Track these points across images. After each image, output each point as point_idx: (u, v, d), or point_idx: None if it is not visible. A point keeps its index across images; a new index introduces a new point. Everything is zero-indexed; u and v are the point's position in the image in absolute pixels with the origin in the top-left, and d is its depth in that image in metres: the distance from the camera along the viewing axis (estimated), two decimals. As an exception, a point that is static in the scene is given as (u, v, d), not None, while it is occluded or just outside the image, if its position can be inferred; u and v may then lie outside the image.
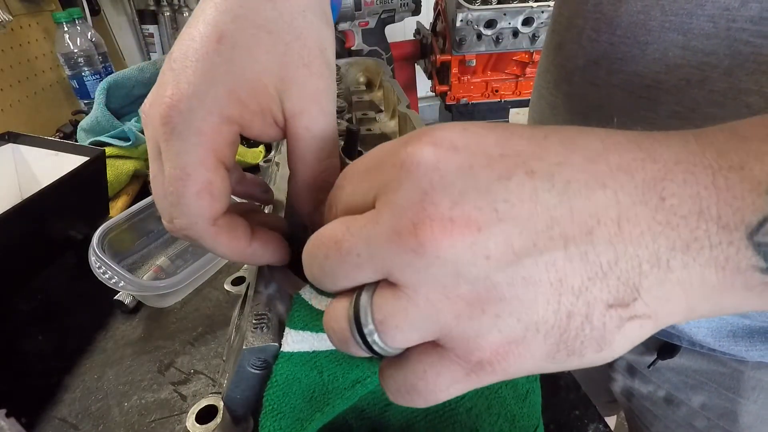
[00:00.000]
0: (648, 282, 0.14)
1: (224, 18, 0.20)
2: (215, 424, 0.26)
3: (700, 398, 0.43)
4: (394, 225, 0.15)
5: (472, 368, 0.15)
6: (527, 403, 0.27)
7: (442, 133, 0.16)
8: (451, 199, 0.14)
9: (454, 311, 0.15)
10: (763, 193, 0.13)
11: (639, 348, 0.45)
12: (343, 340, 0.17)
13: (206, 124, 0.20)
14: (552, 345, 0.15)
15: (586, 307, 0.14)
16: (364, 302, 0.16)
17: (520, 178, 0.14)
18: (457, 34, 1.39)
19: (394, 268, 0.15)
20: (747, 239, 0.13)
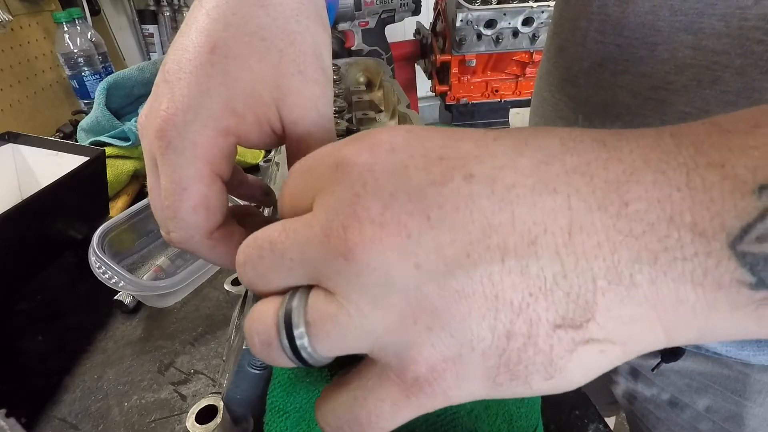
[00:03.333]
0: (605, 300, 0.12)
1: (216, 26, 0.20)
2: (215, 424, 0.26)
3: (705, 401, 0.43)
4: (325, 228, 0.14)
5: (411, 389, 0.14)
6: (525, 403, 0.27)
7: (382, 135, 0.15)
8: (382, 202, 0.13)
9: (385, 322, 0.14)
10: (748, 193, 0.11)
11: None
12: (265, 342, 0.15)
13: (202, 137, 0.20)
14: (491, 367, 0.13)
15: (528, 327, 0.13)
16: (297, 305, 0.15)
17: (456, 183, 0.13)
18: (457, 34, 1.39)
19: (325, 274, 0.14)
20: (729, 249, 0.11)
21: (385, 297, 0.13)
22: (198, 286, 0.48)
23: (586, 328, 0.13)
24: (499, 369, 0.13)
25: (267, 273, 0.16)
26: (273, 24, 0.20)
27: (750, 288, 0.12)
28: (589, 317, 0.13)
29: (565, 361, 0.13)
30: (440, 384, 0.14)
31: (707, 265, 0.12)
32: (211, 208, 0.20)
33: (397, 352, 0.14)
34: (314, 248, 0.14)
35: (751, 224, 0.11)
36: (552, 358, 0.13)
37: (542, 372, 0.13)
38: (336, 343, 0.14)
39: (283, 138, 0.22)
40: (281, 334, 0.15)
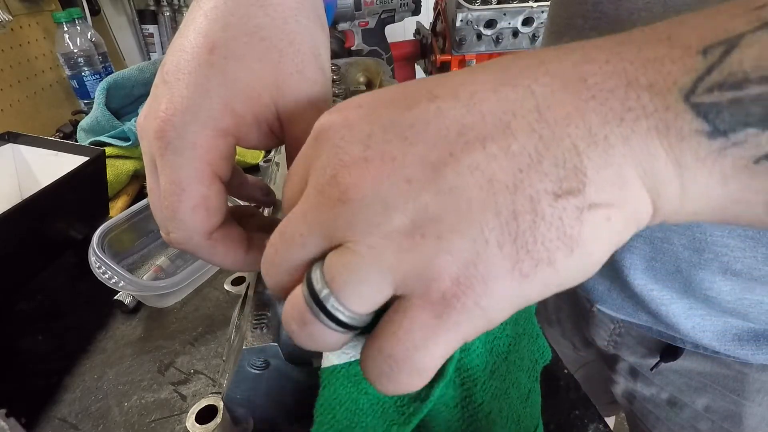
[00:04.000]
0: (591, 162, 0.13)
1: (215, 27, 0.20)
2: (215, 424, 0.26)
3: (704, 401, 0.43)
4: (318, 187, 0.15)
5: (439, 307, 0.14)
6: (529, 402, 0.27)
7: (346, 102, 0.16)
8: (361, 143, 0.14)
9: (396, 248, 0.14)
10: (694, 54, 0.12)
11: (641, 350, 0.45)
12: (301, 322, 0.15)
13: (201, 138, 0.20)
14: (512, 254, 0.13)
15: (530, 203, 0.13)
16: (316, 272, 0.15)
17: (422, 104, 0.14)
18: (457, 34, 1.39)
19: (330, 227, 0.14)
20: (683, 102, 0.12)
21: (388, 222, 0.14)
22: (198, 286, 0.48)
23: (584, 193, 0.13)
24: (519, 255, 0.13)
25: (285, 261, 0.16)
26: (272, 24, 0.20)
27: (707, 137, 0.12)
28: (584, 180, 0.13)
29: (577, 230, 0.13)
30: (469, 294, 0.13)
31: (667, 118, 0.12)
32: (210, 209, 0.20)
33: (417, 274, 0.14)
34: (314, 210, 0.15)
35: (701, 77, 0.12)
36: (564, 230, 0.13)
37: (561, 247, 0.13)
38: (361, 291, 0.14)
39: (282, 138, 0.22)
40: (312, 307, 0.15)
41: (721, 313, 0.36)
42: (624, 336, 0.46)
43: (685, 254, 0.35)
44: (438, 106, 0.14)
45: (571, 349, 0.57)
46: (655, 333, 0.42)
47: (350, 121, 0.15)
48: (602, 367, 0.54)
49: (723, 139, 0.12)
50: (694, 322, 0.38)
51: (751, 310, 0.35)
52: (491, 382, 0.25)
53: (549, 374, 0.36)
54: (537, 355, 0.28)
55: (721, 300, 0.35)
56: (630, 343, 0.46)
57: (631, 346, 0.46)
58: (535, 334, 0.28)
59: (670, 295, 0.38)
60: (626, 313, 0.43)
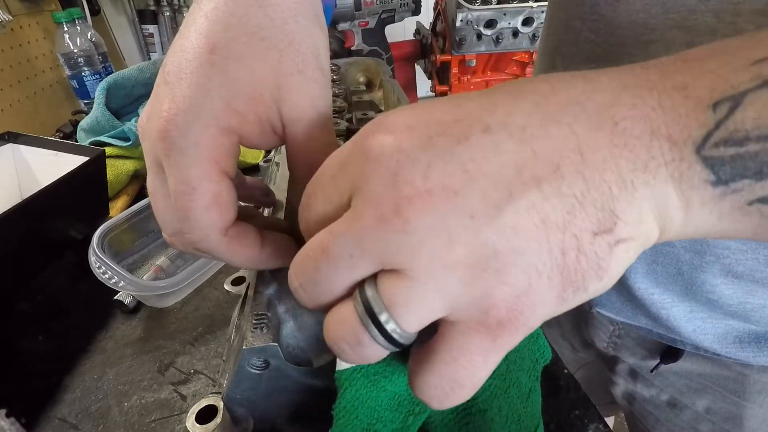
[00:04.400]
0: (621, 204, 0.15)
1: (215, 27, 0.20)
2: (215, 424, 0.26)
3: (705, 402, 0.43)
4: (377, 213, 0.15)
5: (496, 332, 0.15)
6: (530, 402, 0.27)
7: (393, 119, 0.16)
8: (421, 173, 0.15)
9: (456, 277, 0.15)
10: (706, 109, 0.14)
11: (641, 352, 0.45)
12: (356, 343, 0.16)
13: (205, 136, 0.20)
14: (558, 285, 0.15)
15: (575, 240, 0.15)
16: (371, 294, 0.16)
17: (477, 136, 0.15)
18: (457, 34, 1.39)
19: (389, 254, 0.15)
20: (695, 154, 0.14)
21: (451, 254, 0.14)
22: (198, 286, 0.48)
23: (615, 231, 0.15)
24: (563, 285, 0.15)
25: (328, 280, 0.16)
26: (272, 24, 0.20)
27: (712, 185, 0.14)
28: (615, 221, 0.15)
29: (607, 262, 0.15)
30: (520, 319, 0.15)
31: (682, 168, 0.14)
32: (223, 205, 0.20)
33: (475, 303, 0.15)
34: (372, 235, 0.15)
35: (710, 133, 0.14)
36: (599, 262, 0.15)
37: (594, 276, 0.15)
38: (419, 314, 0.15)
39: (283, 138, 0.22)
40: (369, 328, 0.16)
41: (723, 316, 0.36)
42: (623, 338, 0.46)
43: (686, 257, 0.35)
44: (493, 140, 0.15)
45: (570, 350, 0.57)
46: (655, 335, 0.42)
47: (405, 147, 0.15)
48: (602, 368, 0.53)
49: (724, 186, 0.14)
50: (695, 325, 0.38)
51: (753, 313, 0.35)
52: (490, 381, 0.25)
53: (549, 374, 0.36)
54: (537, 355, 0.28)
55: (723, 303, 0.35)
56: (630, 344, 0.46)
57: (630, 348, 0.46)
58: (535, 333, 0.28)
59: (671, 299, 0.38)
60: (626, 316, 0.43)
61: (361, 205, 0.16)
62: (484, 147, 0.15)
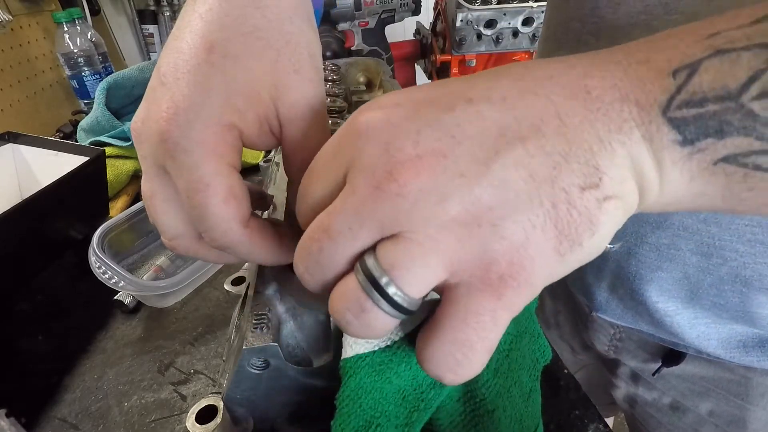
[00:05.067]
0: (603, 162, 0.15)
1: (212, 27, 0.20)
2: (215, 424, 0.26)
3: (708, 405, 0.42)
4: (372, 182, 0.15)
5: (500, 288, 0.15)
6: (530, 402, 0.27)
7: (382, 99, 0.17)
8: (411, 140, 0.15)
9: (454, 236, 0.15)
10: (666, 76, 0.15)
11: (643, 355, 0.45)
12: (359, 310, 0.16)
13: (207, 134, 0.20)
14: (553, 238, 0.15)
15: (564, 194, 0.15)
16: (371, 261, 0.16)
17: (462, 106, 0.16)
18: (457, 34, 1.39)
19: (386, 220, 0.15)
20: (662, 116, 0.15)
21: (445, 213, 0.15)
22: (198, 286, 0.48)
23: (602, 186, 0.16)
24: (559, 238, 0.15)
25: (331, 257, 0.17)
26: (269, 25, 0.21)
27: (680, 145, 0.15)
28: (601, 176, 0.15)
29: (598, 217, 0.16)
30: (522, 274, 0.15)
31: (651, 129, 0.15)
32: (239, 197, 0.21)
33: (475, 259, 0.15)
34: (369, 204, 0.15)
35: (673, 96, 0.15)
36: (590, 217, 0.16)
37: (587, 230, 0.16)
38: (420, 276, 0.15)
39: (279, 137, 0.22)
40: (371, 294, 0.16)
41: (727, 320, 0.36)
42: (624, 341, 0.46)
43: (693, 259, 0.34)
44: (477, 109, 0.16)
45: (569, 352, 0.56)
46: (657, 339, 0.42)
47: (394, 120, 0.16)
48: (602, 371, 0.53)
49: (690, 146, 0.15)
50: (699, 330, 0.38)
51: (759, 317, 0.35)
52: (495, 380, 0.25)
53: (549, 374, 0.36)
54: (538, 354, 0.28)
55: (729, 307, 0.35)
56: (631, 347, 0.46)
57: (631, 351, 0.46)
58: (536, 333, 0.28)
59: (675, 306, 0.37)
60: (627, 321, 0.43)
61: (355, 177, 0.16)
62: (468, 114, 0.16)
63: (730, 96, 0.14)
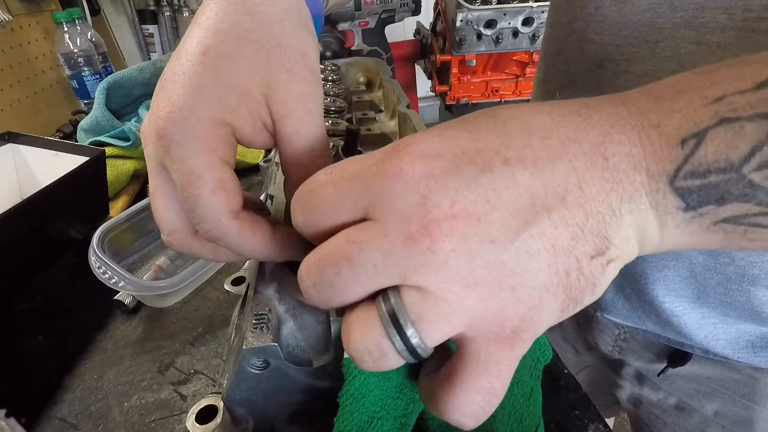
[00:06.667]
0: (612, 230, 0.17)
1: (207, 33, 0.22)
2: (215, 424, 0.26)
3: (714, 405, 0.42)
4: (405, 232, 0.16)
5: (512, 340, 0.17)
6: (531, 401, 0.27)
7: (423, 146, 0.17)
8: (449, 199, 0.16)
9: (476, 295, 0.16)
10: (674, 145, 0.16)
11: (648, 355, 0.45)
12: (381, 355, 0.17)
13: (200, 128, 0.21)
14: (561, 300, 0.17)
15: (576, 262, 0.17)
16: (398, 308, 0.16)
17: (500, 169, 0.17)
18: (457, 34, 1.39)
19: (412, 270, 0.16)
20: (669, 185, 0.16)
21: (473, 274, 0.16)
22: (198, 286, 0.48)
23: (607, 253, 0.17)
24: (566, 301, 0.17)
25: (347, 285, 0.17)
26: (259, 28, 0.22)
27: (683, 211, 0.17)
28: (608, 245, 0.17)
29: (599, 279, 0.17)
30: (531, 329, 0.17)
31: (658, 198, 0.17)
32: (229, 189, 0.21)
33: (492, 318, 0.17)
34: (400, 252, 0.16)
35: (680, 167, 0.16)
36: (594, 280, 0.17)
37: (589, 291, 0.17)
38: (442, 330, 0.17)
39: (274, 134, 0.23)
40: (395, 341, 0.17)
41: (735, 320, 0.36)
42: (629, 341, 0.46)
43: (699, 258, 0.34)
44: (512, 172, 0.17)
45: (572, 352, 0.56)
46: (663, 339, 0.42)
47: (435, 173, 0.17)
48: (606, 371, 0.53)
49: (693, 212, 0.16)
50: (707, 331, 0.37)
51: None
52: None
53: (549, 374, 0.36)
54: (538, 354, 0.28)
55: (737, 306, 0.34)
56: (636, 348, 0.46)
57: (636, 351, 0.46)
58: (535, 333, 0.28)
59: (682, 306, 0.37)
60: (633, 321, 0.42)
61: (388, 220, 0.17)
62: (505, 178, 0.16)
63: (731, 168, 0.15)
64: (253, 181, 0.68)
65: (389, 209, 0.17)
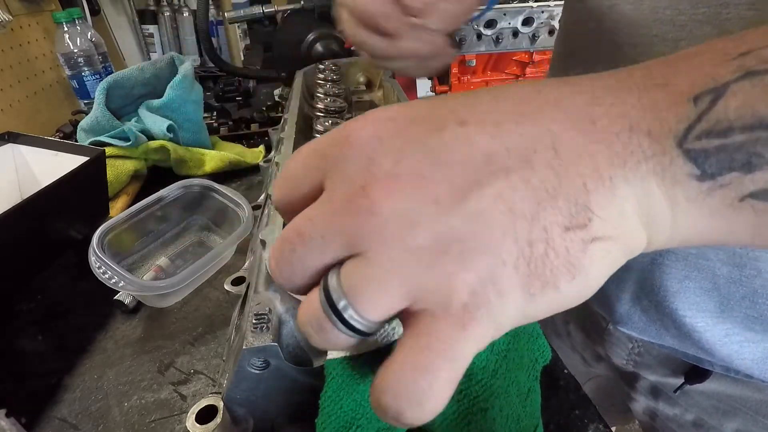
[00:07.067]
0: (597, 200, 0.14)
1: None
2: (215, 424, 0.26)
3: (734, 425, 0.40)
4: (347, 194, 0.15)
5: (463, 318, 0.14)
6: (529, 401, 0.27)
7: (379, 112, 0.17)
8: (393, 158, 0.15)
9: (418, 261, 0.14)
10: (686, 102, 0.14)
11: (664, 370, 0.43)
12: (318, 328, 0.16)
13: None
14: (524, 276, 0.14)
15: (544, 233, 0.14)
16: (333, 280, 0.15)
17: (452, 128, 0.15)
18: (457, 34, 1.39)
19: (354, 236, 0.15)
20: (677, 147, 0.14)
21: (413, 238, 0.14)
22: (198, 286, 0.48)
23: (590, 227, 0.14)
24: (530, 277, 0.14)
25: (302, 261, 0.16)
26: None
27: (697, 179, 0.14)
28: (590, 216, 0.14)
29: (580, 260, 0.14)
30: (487, 307, 0.14)
31: (663, 162, 0.14)
32: None
33: (438, 288, 0.14)
34: (340, 216, 0.15)
35: (692, 125, 0.13)
36: (570, 259, 0.14)
37: (566, 273, 0.14)
38: (379, 302, 0.15)
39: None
40: (329, 316, 0.15)
41: (763, 336, 0.34)
42: (644, 355, 0.44)
43: (723, 270, 0.32)
44: (467, 132, 0.15)
45: (581, 362, 0.54)
46: (680, 354, 0.39)
47: (381, 134, 0.15)
48: (617, 382, 0.51)
49: (711, 181, 0.14)
50: (731, 349, 0.35)
51: None
52: (492, 380, 0.25)
53: (549, 374, 0.36)
54: (537, 354, 0.28)
55: (764, 320, 0.32)
56: (651, 362, 0.44)
57: (652, 366, 0.44)
58: (535, 333, 0.28)
59: (704, 322, 0.35)
60: (650, 335, 0.40)
61: (333, 186, 0.16)
62: (456, 137, 0.15)
63: (762, 124, 0.13)
64: (253, 181, 0.68)
65: (339, 175, 0.16)
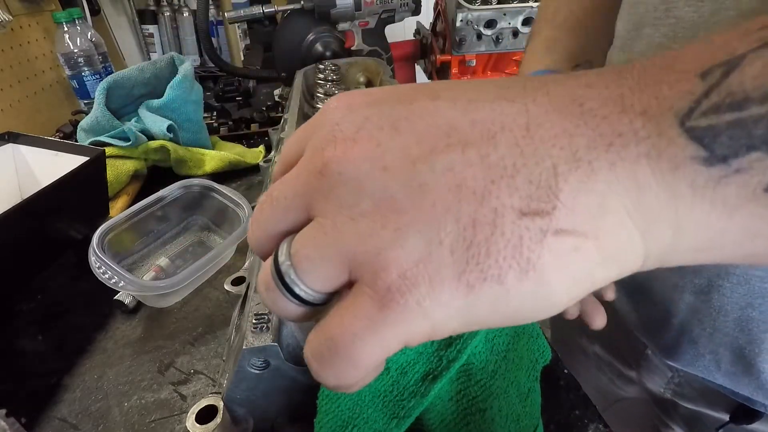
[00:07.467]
0: (568, 186, 0.12)
1: None
2: (215, 424, 0.26)
3: None
4: (308, 156, 0.15)
5: (384, 300, 0.13)
6: (528, 402, 0.27)
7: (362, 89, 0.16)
8: (357, 125, 0.14)
9: (357, 231, 0.13)
10: (692, 78, 0.11)
11: (705, 402, 0.39)
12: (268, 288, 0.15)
13: None
14: (461, 261, 0.12)
15: (493, 215, 0.12)
16: (285, 245, 0.15)
17: (423, 100, 0.14)
18: (457, 34, 1.39)
19: (308, 198, 0.15)
20: (678, 126, 0.11)
21: (357, 205, 0.13)
22: (198, 286, 0.48)
23: (553, 216, 0.12)
24: (468, 264, 0.12)
25: (268, 223, 0.16)
26: None
27: (705, 164, 0.11)
28: (555, 203, 0.12)
29: (536, 254, 0.12)
30: (413, 292, 0.13)
31: (660, 144, 0.12)
32: None
33: (368, 261, 0.13)
34: (297, 177, 0.15)
35: (698, 100, 0.11)
36: (522, 250, 0.12)
37: (514, 267, 0.12)
38: (318, 268, 0.14)
39: None
40: (276, 281, 0.15)
41: None
42: (684, 386, 0.40)
43: None
44: (436, 104, 0.14)
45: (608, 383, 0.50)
46: (728, 391, 0.35)
47: (354, 105, 0.15)
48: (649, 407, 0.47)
49: (723, 165, 0.11)
50: None
51: None
52: (491, 381, 0.25)
53: (549, 374, 0.36)
54: (537, 355, 0.28)
55: None
56: (692, 394, 0.40)
57: (693, 398, 0.40)
58: (534, 333, 0.28)
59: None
60: (697, 369, 0.36)
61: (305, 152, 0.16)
62: (423, 108, 0.14)
63: None
64: (253, 181, 0.68)
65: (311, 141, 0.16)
